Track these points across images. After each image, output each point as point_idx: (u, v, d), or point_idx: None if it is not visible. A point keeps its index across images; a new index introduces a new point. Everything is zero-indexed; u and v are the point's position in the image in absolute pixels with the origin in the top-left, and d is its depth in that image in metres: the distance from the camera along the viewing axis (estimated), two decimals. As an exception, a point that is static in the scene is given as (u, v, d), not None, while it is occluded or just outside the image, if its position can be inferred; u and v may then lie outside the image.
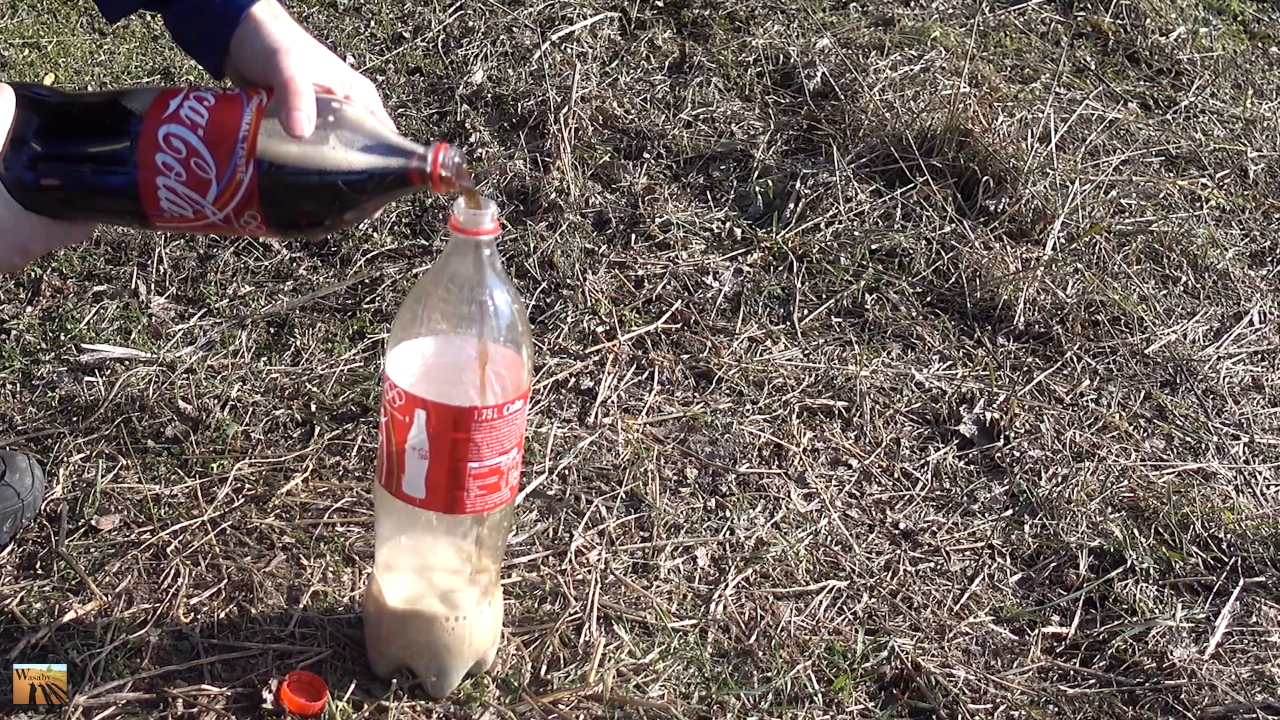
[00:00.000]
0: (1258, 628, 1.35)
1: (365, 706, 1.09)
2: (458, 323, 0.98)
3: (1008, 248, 1.86)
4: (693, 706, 1.15)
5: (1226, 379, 1.75)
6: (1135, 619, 1.32)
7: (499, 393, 0.97)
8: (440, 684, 1.09)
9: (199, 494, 1.30)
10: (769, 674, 1.19)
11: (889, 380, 1.63)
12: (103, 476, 1.30)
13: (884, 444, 1.53)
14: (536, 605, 1.23)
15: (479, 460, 0.97)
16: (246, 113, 0.87)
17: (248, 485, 1.32)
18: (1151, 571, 1.39)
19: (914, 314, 1.76)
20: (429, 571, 1.09)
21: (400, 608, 1.07)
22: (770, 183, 1.94)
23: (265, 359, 1.51)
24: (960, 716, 1.18)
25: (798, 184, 1.93)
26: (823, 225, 1.87)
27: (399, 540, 1.08)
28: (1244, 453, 1.62)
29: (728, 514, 1.38)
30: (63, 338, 1.50)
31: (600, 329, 1.63)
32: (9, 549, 1.21)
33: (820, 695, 1.18)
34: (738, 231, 1.85)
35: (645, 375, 1.58)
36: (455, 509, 0.99)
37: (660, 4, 2.40)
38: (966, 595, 1.33)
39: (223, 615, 1.16)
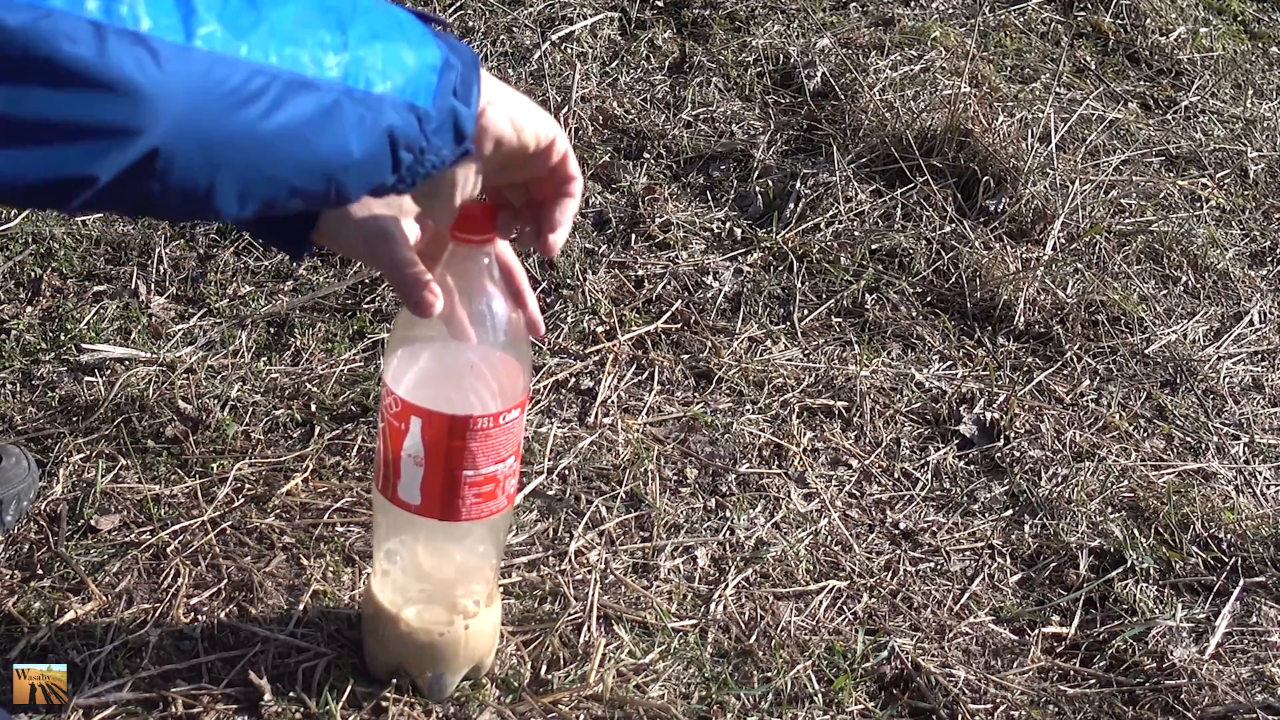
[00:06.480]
0: (1258, 628, 1.35)
1: (365, 706, 1.09)
2: (450, 333, 0.97)
3: (1008, 248, 1.86)
4: (693, 706, 1.15)
5: (1226, 379, 1.75)
6: (1135, 619, 1.32)
7: (495, 402, 0.97)
8: (435, 688, 1.09)
9: (199, 494, 1.30)
10: (769, 674, 1.19)
11: (889, 380, 1.63)
12: (103, 476, 1.30)
13: (884, 444, 1.53)
14: (536, 605, 1.22)
15: (474, 469, 0.97)
16: None
17: (248, 485, 1.32)
18: (1151, 571, 1.39)
19: (914, 314, 1.76)
20: (426, 577, 1.09)
21: (397, 612, 1.07)
22: (770, 183, 1.94)
23: (265, 359, 1.51)
24: (960, 716, 1.18)
25: (798, 184, 1.93)
26: (823, 225, 1.87)
27: (396, 545, 1.07)
28: (1244, 453, 1.62)
29: (728, 514, 1.38)
30: (63, 338, 1.50)
31: (600, 329, 1.63)
32: (8, 550, 1.21)
33: (820, 695, 1.18)
34: (738, 231, 1.85)
35: (645, 375, 1.58)
36: (450, 516, 0.99)
37: (660, 4, 2.40)
38: (966, 595, 1.33)
39: (223, 615, 1.16)
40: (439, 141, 0.72)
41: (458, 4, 2.33)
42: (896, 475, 1.49)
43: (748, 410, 1.54)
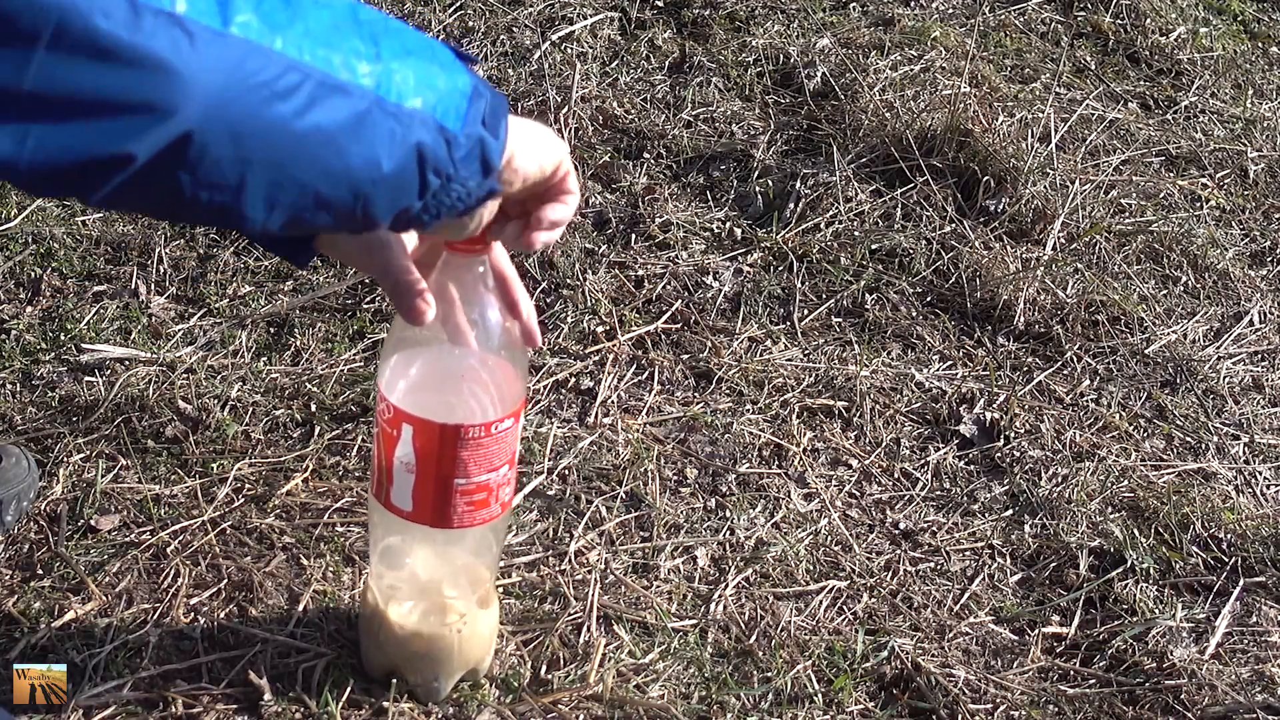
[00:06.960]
0: (1258, 628, 1.35)
1: (365, 706, 1.09)
2: (448, 340, 0.97)
3: (1008, 248, 1.86)
4: (693, 706, 1.15)
5: (1226, 379, 1.75)
6: (1135, 619, 1.32)
7: (488, 410, 0.97)
8: (430, 691, 1.09)
9: (199, 494, 1.30)
10: (769, 674, 1.19)
11: (889, 380, 1.63)
12: (103, 476, 1.30)
13: (884, 444, 1.53)
14: (536, 605, 1.22)
15: (466, 477, 0.97)
16: None
17: (248, 485, 1.32)
18: (1151, 571, 1.39)
19: (914, 314, 1.76)
20: (421, 581, 1.08)
21: (393, 616, 1.07)
22: (770, 183, 1.94)
23: (265, 359, 1.51)
24: (960, 716, 1.18)
25: (798, 184, 1.93)
26: (823, 225, 1.87)
27: (391, 547, 1.07)
28: (1244, 453, 1.62)
29: (728, 514, 1.38)
30: (63, 338, 1.50)
31: (600, 329, 1.63)
32: (8, 550, 1.21)
33: (820, 695, 1.18)
34: (738, 231, 1.85)
35: (645, 375, 1.58)
36: (442, 524, 0.99)
37: (660, 4, 2.40)
38: (966, 595, 1.33)
39: (223, 615, 1.16)
40: (466, 171, 0.70)
41: (458, 4, 2.33)
42: (896, 475, 1.49)
43: (748, 410, 1.54)
